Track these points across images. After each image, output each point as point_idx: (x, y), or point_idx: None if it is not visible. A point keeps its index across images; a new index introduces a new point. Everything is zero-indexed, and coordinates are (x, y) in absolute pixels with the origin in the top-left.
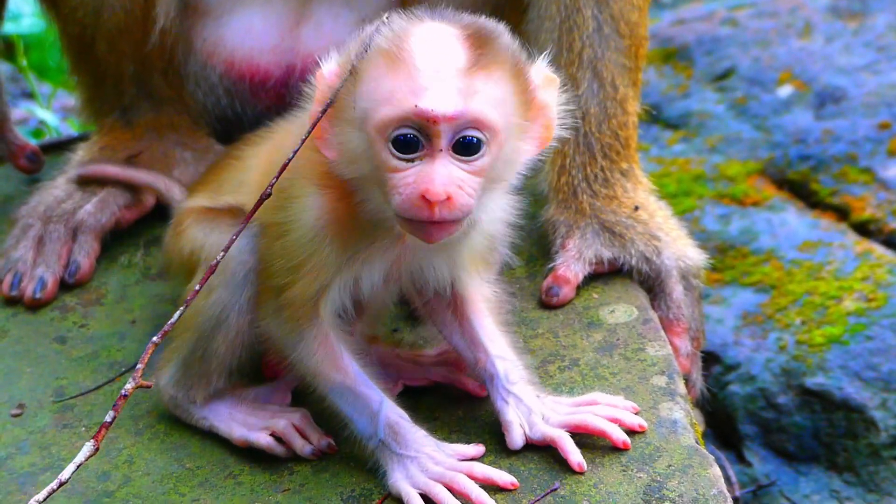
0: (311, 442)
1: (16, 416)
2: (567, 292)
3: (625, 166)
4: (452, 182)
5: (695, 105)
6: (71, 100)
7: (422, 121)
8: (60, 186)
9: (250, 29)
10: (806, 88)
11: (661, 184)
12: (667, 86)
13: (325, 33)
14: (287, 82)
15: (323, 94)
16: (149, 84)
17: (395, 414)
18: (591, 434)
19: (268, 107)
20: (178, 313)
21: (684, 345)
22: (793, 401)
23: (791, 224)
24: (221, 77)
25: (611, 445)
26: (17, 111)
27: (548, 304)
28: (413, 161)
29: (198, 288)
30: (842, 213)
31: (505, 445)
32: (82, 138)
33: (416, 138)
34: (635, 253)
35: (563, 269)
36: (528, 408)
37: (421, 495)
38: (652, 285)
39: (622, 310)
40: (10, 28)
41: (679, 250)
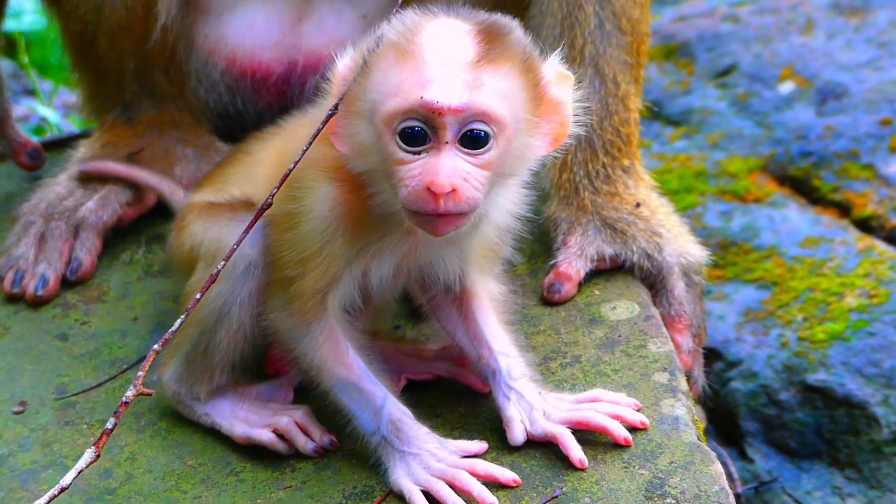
0: (314, 439)
1: (18, 413)
2: (569, 289)
3: (626, 163)
4: (458, 174)
5: (696, 101)
6: (72, 97)
7: (428, 113)
8: (62, 183)
9: (252, 25)
10: (807, 85)
11: (662, 180)
12: (668, 82)
13: (327, 30)
14: (289, 79)
15: (338, 89)
16: (150, 81)
17: (398, 410)
18: (592, 431)
19: (269, 103)
20: (179, 321)
21: (686, 341)
22: (794, 397)
23: (793, 220)
24: (223, 74)
25: (612, 442)
26: (19, 108)
27: (549, 301)
28: (420, 154)
29: (199, 297)
30: (843, 210)
31: (507, 442)
32: (84, 135)
33: (423, 131)
34: (637, 249)
35: (565, 266)
36: (530, 404)
37: (423, 492)
38: (653, 282)
39: (624, 306)
40: (11, 25)
41: (681, 247)
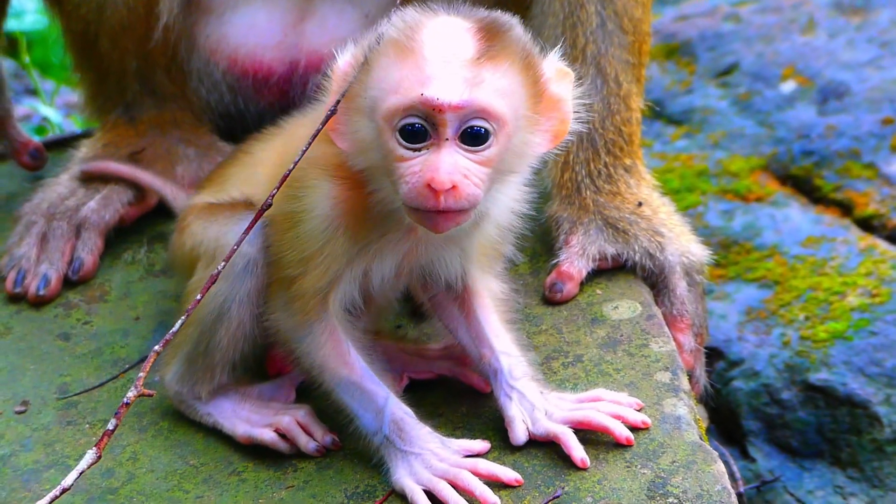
0: (315, 438)
1: (20, 413)
2: (571, 288)
3: (628, 162)
4: (458, 171)
5: (698, 101)
6: (74, 97)
7: (428, 109)
8: (64, 183)
9: (254, 25)
10: (809, 84)
11: (664, 180)
12: (670, 81)
13: (328, 30)
14: (290, 79)
15: (339, 87)
16: (152, 81)
17: (400, 410)
18: (594, 430)
19: (271, 103)
20: (180, 322)
21: (688, 341)
22: (796, 396)
23: (794, 220)
24: (225, 74)
25: (614, 442)
26: (21, 108)
27: (551, 301)
28: (420, 150)
29: (199, 297)
30: (845, 209)
31: (509, 442)
32: (85, 135)
33: (423, 128)
34: (639, 249)
35: (567, 266)
36: (532, 404)
37: (425, 492)
38: (655, 281)
39: (626, 306)
40: (13, 25)
41: (682, 246)
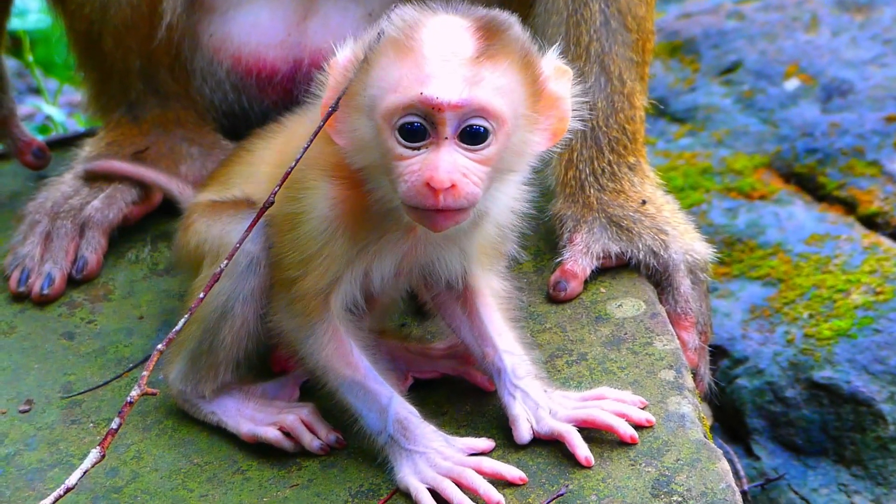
0: (320, 437)
1: (24, 412)
2: (575, 287)
3: (632, 160)
4: (457, 170)
5: (701, 99)
6: (77, 96)
7: (427, 108)
8: (67, 182)
9: (257, 24)
10: (813, 82)
11: (668, 178)
12: (673, 79)
13: (332, 28)
14: (294, 77)
15: (336, 82)
16: (155, 80)
17: (404, 409)
18: (598, 429)
19: (275, 102)
20: (183, 321)
21: (692, 339)
22: (801, 394)
23: (798, 217)
24: (228, 72)
25: (618, 440)
26: (24, 107)
27: (555, 299)
28: (419, 149)
29: (202, 296)
30: (849, 207)
31: (513, 440)
32: (89, 134)
33: (423, 126)
34: (643, 247)
35: (571, 264)
36: (536, 402)
37: (430, 490)
38: (659, 279)
39: (630, 304)
40: (16, 24)
41: (686, 244)
